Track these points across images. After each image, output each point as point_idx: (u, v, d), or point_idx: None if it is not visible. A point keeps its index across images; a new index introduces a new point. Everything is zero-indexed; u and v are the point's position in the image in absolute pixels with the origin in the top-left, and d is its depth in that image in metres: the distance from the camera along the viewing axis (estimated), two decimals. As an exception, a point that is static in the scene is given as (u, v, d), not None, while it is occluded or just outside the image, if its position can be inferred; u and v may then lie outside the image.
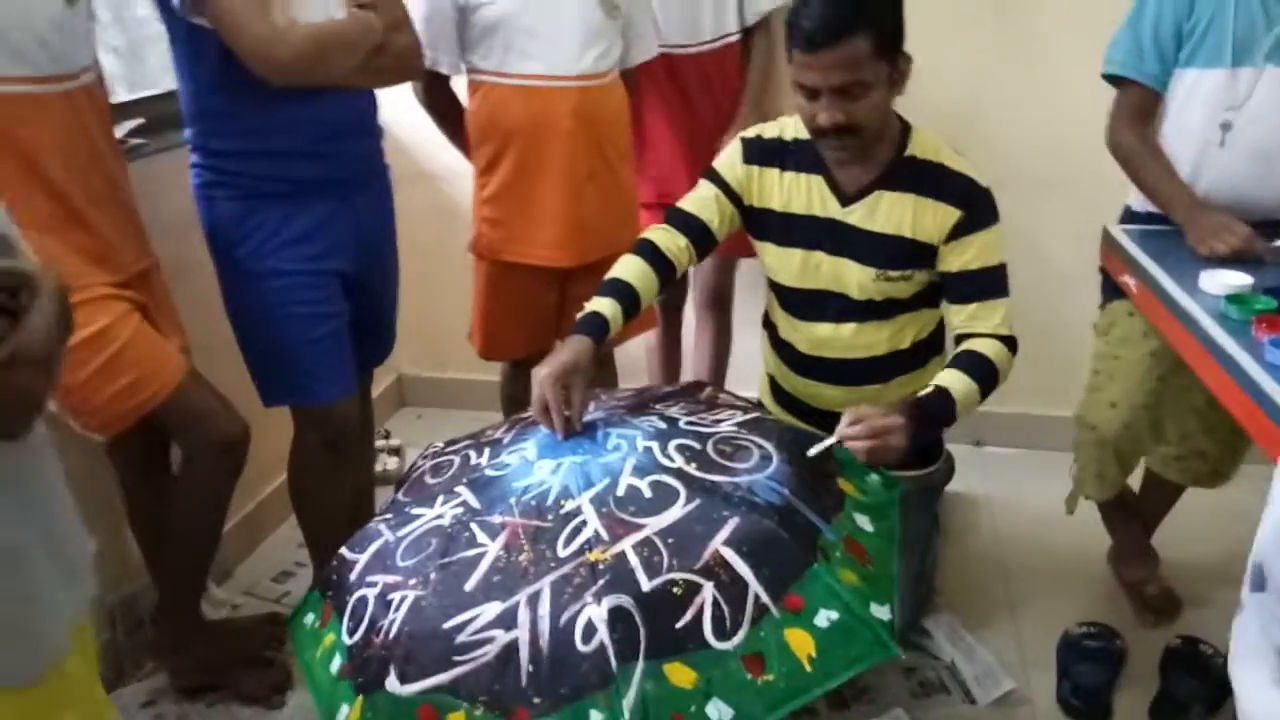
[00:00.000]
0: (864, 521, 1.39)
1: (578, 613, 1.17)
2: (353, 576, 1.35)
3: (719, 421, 1.53)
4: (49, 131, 1.49)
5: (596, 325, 1.60)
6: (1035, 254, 2.30)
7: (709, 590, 1.18)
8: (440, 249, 2.55)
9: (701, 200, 1.77)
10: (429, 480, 1.52)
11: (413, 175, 2.62)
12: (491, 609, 1.20)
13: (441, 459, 1.59)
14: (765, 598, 1.19)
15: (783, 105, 2.31)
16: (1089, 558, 2.23)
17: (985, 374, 1.62)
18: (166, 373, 1.62)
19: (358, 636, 1.27)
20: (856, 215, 1.70)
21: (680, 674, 1.13)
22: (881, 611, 1.24)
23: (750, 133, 1.78)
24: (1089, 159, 2.42)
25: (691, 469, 1.37)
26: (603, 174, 2.03)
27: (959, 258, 1.67)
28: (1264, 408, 1.16)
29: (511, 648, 1.16)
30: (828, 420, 1.85)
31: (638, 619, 1.15)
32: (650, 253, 1.72)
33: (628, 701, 1.10)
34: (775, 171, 1.74)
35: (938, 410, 1.57)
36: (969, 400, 1.59)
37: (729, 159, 1.77)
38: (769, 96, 2.39)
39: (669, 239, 1.75)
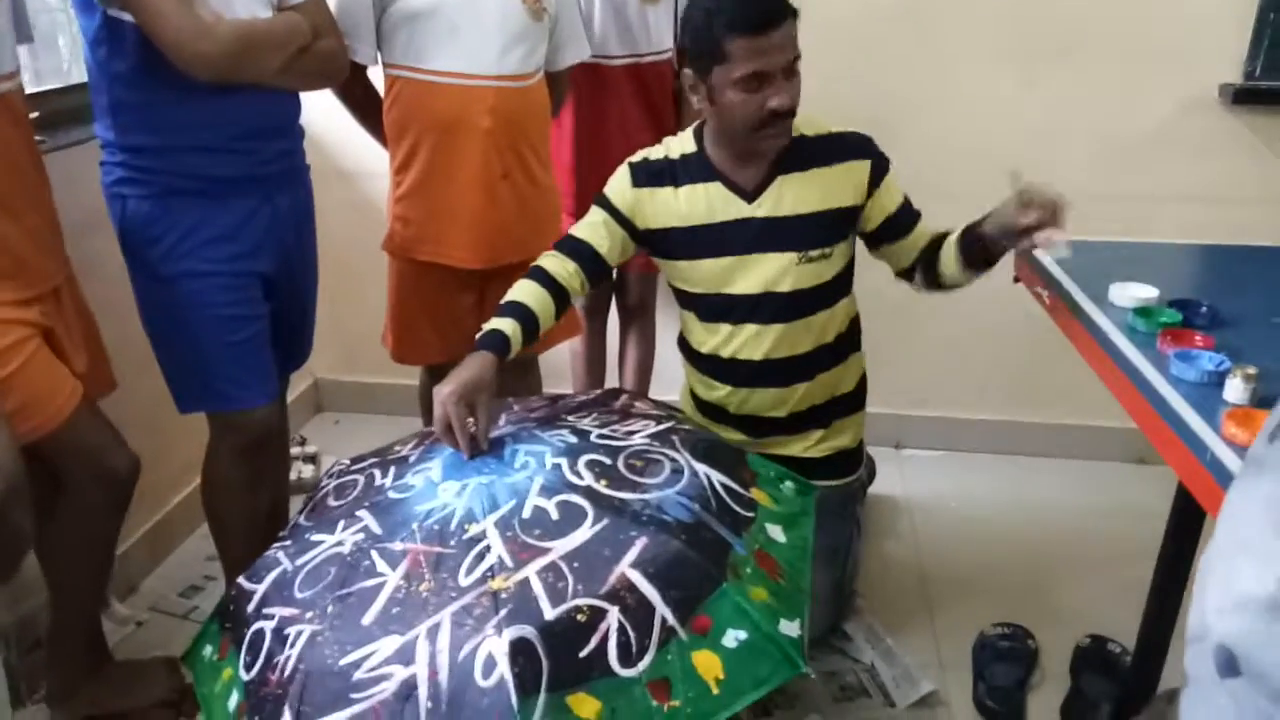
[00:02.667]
0: (776, 532, 1.38)
1: (478, 646, 1.13)
2: (250, 608, 1.29)
3: (632, 434, 1.52)
4: None
5: (498, 342, 1.58)
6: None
7: (614, 615, 1.16)
8: (357, 248, 2.48)
9: (592, 226, 1.77)
10: (332, 503, 1.47)
11: (329, 173, 2.55)
12: (389, 644, 1.15)
13: (346, 478, 1.54)
14: (672, 620, 1.17)
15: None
16: (1004, 558, 2.28)
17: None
18: (54, 405, 1.52)
19: (254, 672, 1.21)
20: (765, 207, 1.72)
21: (584, 704, 1.10)
22: (791, 628, 1.23)
23: (637, 157, 1.80)
24: (1005, 166, 2.49)
25: (601, 486, 1.34)
26: (519, 175, 1.99)
27: (890, 201, 1.77)
28: (1168, 420, 1.19)
29: (410, 684, 1.11)
30: (752, 425, 1.87)
31: (540, 650, 1.12)
32: (543, 279, 1.72)
33: None
34: (668, 190, 1.75)
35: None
36: None
37: (618, 185, 1.78)
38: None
39: (559, 265, 1.74)
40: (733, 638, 1.19)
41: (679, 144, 1.78)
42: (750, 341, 1.80)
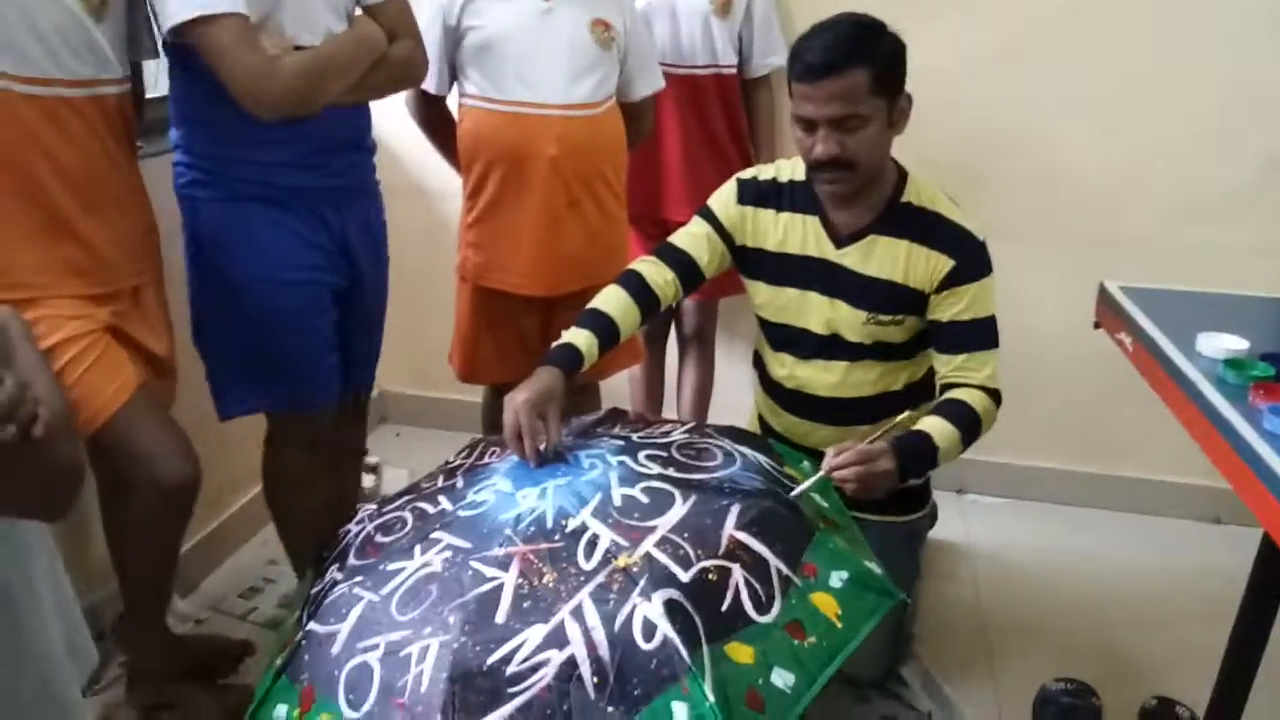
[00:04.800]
0: (819, 499, 1.49)
1: (631, 614, 1.17)
2: (336, 649, 1.26)
3: (667, 434, 1.58)
4: (45, 136, 1.45)
5: (569, 357, 1.58)
6: (1026, 306, 2.30)
7: (739, 572, 1.25)
8: (430, 266, 2.53)
9: (693, 237, 1.76)
10: (383, 539, 1.44)
11: (405, 190, 2.60)
12: (535, 633, 1.16)
13: (385, 518, 1.50)
14: (786, 570, 1.28)
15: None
16: (1068, 611, 2.22)
17: (968, 423, 1.62)
18: (95, 405, 1.51)
19: (369, 706, 1.18)
20: (851, 258, 1.70)
21: (740, 651, 1.18)
22: (875, 566, 1.37)
23: (747, 174, 1.78)
24: (1083, 215, 2.46)
25: (671, 472, 1.42)
26: (587, 204, 2.00)
27: (950, 308, 1.67)
28: (1260, 476, 1.14)
29: (569, 664, 1.13)
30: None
31: (689, 608, 1.18)
32: (635, 285, 1.71)
33: (708, 685, 1.11)
34: (770, 212, 1.74)
35: (919, 451, 1.57)
36: (950, 446, 1.60)
37: (724, 198, 1.77)
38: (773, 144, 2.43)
39: (656, 272, 1.73)
40: (837, 578, 1.31)
41: (790, 168, 1.75)
42: (815, 377, 1.78)
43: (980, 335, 1.68)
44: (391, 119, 2.10)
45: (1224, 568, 2.00)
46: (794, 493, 1.43)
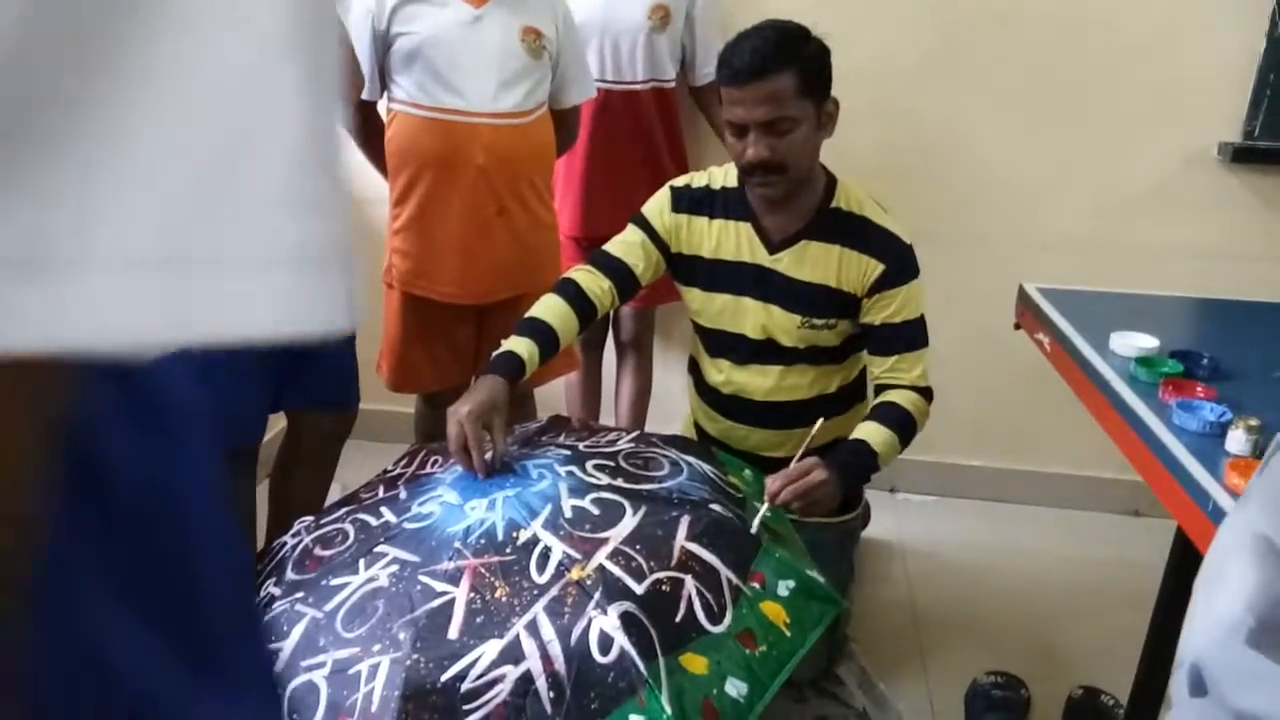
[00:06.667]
0: (763, 508, 1.51)
1: (587, 628, 1.17)
2: (279, 667, 1.23)
3: (613, 442, 1.59)
4: None
5: (511, 365, 1.58)
6: (954, 307, 2.35)
7: (690, 583, 1.27)
8: (359, 275, 2.49)
9: (628, 245, 1.77)
10: (323, 552, 1.41)
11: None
12: (490, 648, 1.15)
13: (324, 530, 1.47)
14: (736, 579, 1.31)
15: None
16: (998, 606, 2.27)
17: (904, 425, 1.67)
18: None
19: None
20: (784, 263, 1.72)
21: (695, 662, 1.20)
22: (817, 574, 1.41)
23: (679, 181, 1.80)
24: (1007, 215, 2.52)
25: (620, 482, 1.43)
26: (516, 212, 2.00)
27: (881, 311, 1.70)
28: (1170, 469, 1.19)
29: (525, 679, 1.13)
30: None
31: (645, 620, 1.20)
32: (572, 294, 1.71)
33: (664, 697, 1.12)
34: (704, 219, 1.75)
35: (859, 462, 1.62)
36: (889, 451, 1.64)
37: (657, 206, 1.78)
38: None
39: (592, 280, 1.74)
40: (784, 587, 1.34)
41: (722, 175, 1.77)
42: (751, 381, 1.80)
43: (911, 336, 1.72)
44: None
45: (1144, 558, 2.06)
46: (753, 527, 1.44)
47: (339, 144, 0.27)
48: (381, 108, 2.07)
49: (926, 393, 1.73)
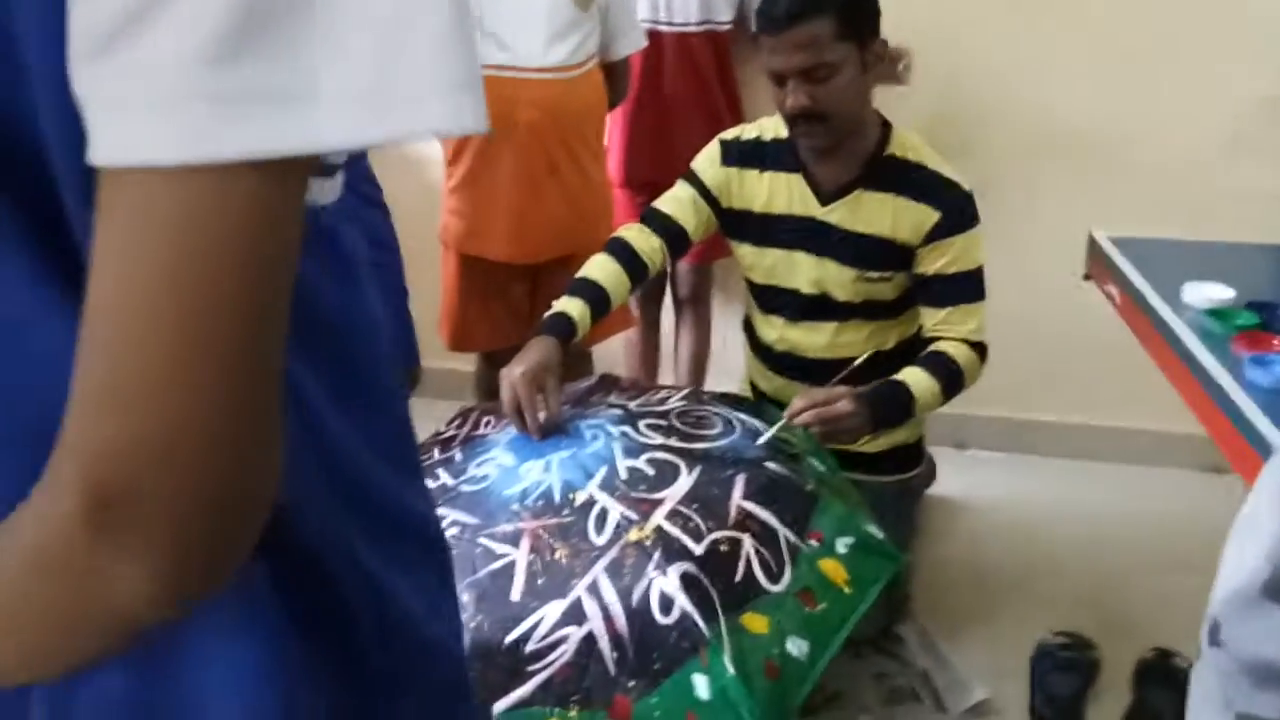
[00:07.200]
0: (815, 463, 1.50)
1: (648, 589, 1.18)
2: None
3: (664, 401, 1.58)
4: None
5: (563, 326, 1.57)
6: (1023, 257, 2.28)
7: (749, 542, 1.27)
8: (419, 235, 2.51)
9: (678, 202, 1.75)
10: None
11: (395, 158, 2.57)
12: (553, 609, 1.18)
13: None
14: (794, 538, 1.30)
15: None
16: (1067, 566, 2.21)
17: (949, 375, 1.62)
18: None
19: None
20: (837, 215, 1.68)
21: (756, 622, 1.20)
22: (875, 529, 1.40)
23: (729, 134, 1.76)
24: (1075, 163, 2.42)
25: (673, 441, 1.42)
26: (567, 169, 1.98)
27: (936, 261, 1.65)
28: (1238, 427, 1.13)
29: (589, 640, 1.15)
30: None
31: (704, 581, 1.20)
32: (623, 253, 1.69)
33: (727, 656, 1.13)
34: (755, 172, 1.72)
35: (894, 403, 1.57)
36: (928, 397, 1.59)
37: (707, 160, 1.75)
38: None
39: (643, 239, 1.72)
40: (842, 544, 1.34)
41: (773, 126, 1.73)
42: (804, 338, 1.77)
43: (965, 288, 1.66)
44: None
45: (1224, 518, 1.97)
46: (761, 439, 1.44)
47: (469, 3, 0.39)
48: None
49: (979, 348, 1.67)
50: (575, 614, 1.17)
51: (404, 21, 0.35)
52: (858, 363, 1.58)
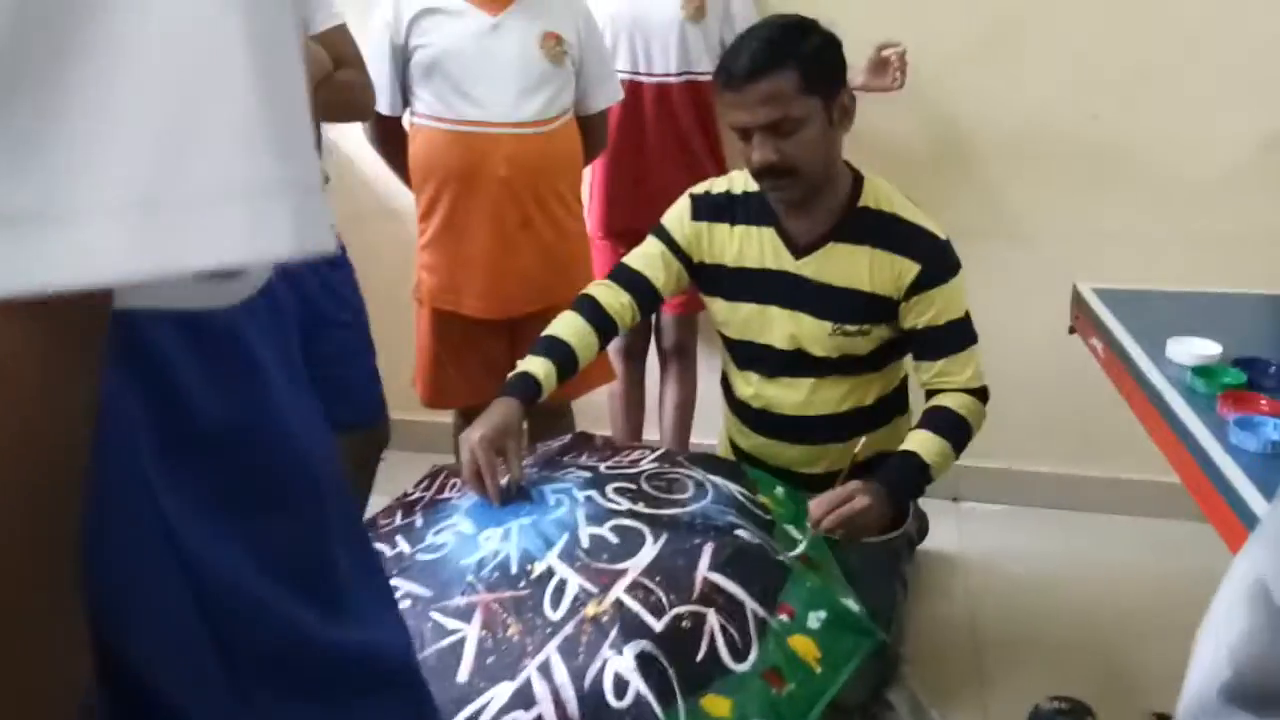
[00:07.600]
0: (793, 530, 1.46)
1: (601, 670, 1.13)
2: None
3: (636, 462, 1.53)
4: None
5: (526, 387, 1.54)
6: (1014, 305, 2.23)
7: (713, 617, 1.21)
8: (397, 288, 2.49)
9: (648, 257, 1.72)
10: None
11: (375, 213, 2.55)
12: (501, 691, 1.12)
13: None
14: (762, 612, 1.24)
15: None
16: (1064, 624, 2.14)
17: (957, 430, 1.59)
18: None
19: None
20: (811, 268, 1.64)
21: (717, 705, 1.15)
22: (852, 604, 1.34)
23: (699, 188, 1.73)
24: (1066, 206, 2.38)
25: (640, 508, 1.36)
26: (541, 224, 1.95)
27: (922, 314, 1.61)
28: (1221, 492, 1.08)
29: None
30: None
31: (663, 661, 1.15)
32: (590, 310, 1.66)
33: None
34: (725, 226, 1.69)
35: (910, 477, 1.54)
36: (942, 461, 1.56)
37: (677, 216, 1.72)
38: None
39: (611, 296, 1.69)
40: (814, 619, 1.28)
41: (743, 180, 1.70)
42: (781, 395, 1.72)
43: (956, 337, 1.63)
44: (361, 143, 2.09)
45: (1224, 571, 1.91)
46: (795, 551, 1.39)
47: (299, 88, 0.31)
48: (406, 122, 2.05)
49: (980, 393, 1.64)
50: (525, 697, 1.11)
51: (187, 114, 0.28)
52: (854, 452, 1.57)
